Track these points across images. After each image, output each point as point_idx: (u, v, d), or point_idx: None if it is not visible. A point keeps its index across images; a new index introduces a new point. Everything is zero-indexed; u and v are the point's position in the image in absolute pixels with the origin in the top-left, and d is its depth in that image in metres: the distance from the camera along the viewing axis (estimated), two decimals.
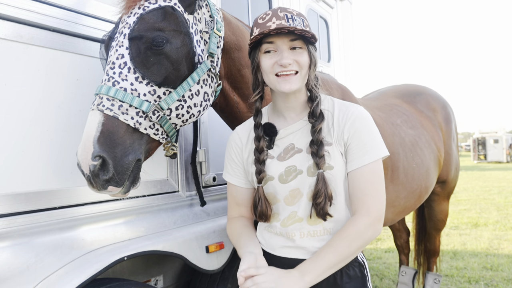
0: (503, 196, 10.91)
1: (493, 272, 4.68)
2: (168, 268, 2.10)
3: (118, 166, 1.27)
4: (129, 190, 1.35)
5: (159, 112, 1.38)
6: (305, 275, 1.26)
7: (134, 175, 1.34)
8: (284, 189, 1.40)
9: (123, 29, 1.38)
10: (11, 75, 1.38)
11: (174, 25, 1.39)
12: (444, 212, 3.49)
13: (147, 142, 1.39)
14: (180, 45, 1.40)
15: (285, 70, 1.32)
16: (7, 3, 1.37)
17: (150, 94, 1.35)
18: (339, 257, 1.29)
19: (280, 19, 1.31)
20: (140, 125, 1.34)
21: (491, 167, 24.48)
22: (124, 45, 1.35)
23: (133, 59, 1.34)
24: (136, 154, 1.33)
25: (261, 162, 1.42)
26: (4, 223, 1.32)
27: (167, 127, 1.43)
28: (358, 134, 1.36)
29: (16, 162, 1.38)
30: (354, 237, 1.30)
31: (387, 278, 4.63)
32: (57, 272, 1.36)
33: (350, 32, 4.19)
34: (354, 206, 1.36)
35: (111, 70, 1.34)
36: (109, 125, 1.28)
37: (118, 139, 1.29)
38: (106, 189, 1.28)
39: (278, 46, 1.33)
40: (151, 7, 1.39)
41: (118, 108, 1.30)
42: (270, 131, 1.44)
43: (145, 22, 1.37)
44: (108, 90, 1.30)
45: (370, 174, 1.35)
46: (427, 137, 2.96)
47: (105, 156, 1.25)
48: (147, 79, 1.34)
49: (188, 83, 1.43)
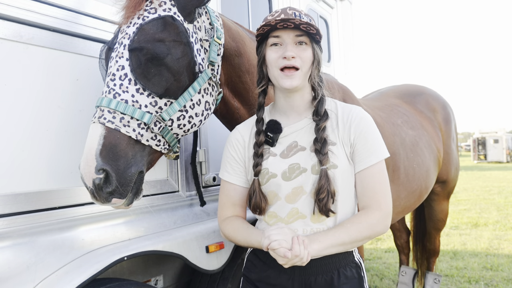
0: (503, 196, 10.91)
1: (493, 272, 4.68)
2: (168, 268, 2.10)
3: (121, 179, 1.28)
4: (132, 202, 1.36)
5: (161, 123, 1.37)
6: (313, 242, 1.28)
7: (137, 187, 1.35)
8: (287, 186, 1.40)
9: (123, 40, 1.37)
10: (11, 75, 1.38)
11: (175, 35, 1.38)
12: (444, 212, 3.49)
13: (149, 153, 1.39)
14: (181, 56, 1.38)
15: (288, 64, 1.34)
16: (7, 3, 1.36)
17: (151, 106, 1.35)
18: (349, 238, 1.32)
19: (288, 16, 1.34)
20: (142, 137, 1.34)
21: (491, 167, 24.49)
22: (124, 56, 1.34)
23: (133, 70, 1.33)
24: (138, 166, 1.33)
25: (259, 156, 1.44)
26: (4, 223, 1.32)
27: (169, 137, 1.43)
28: (364, 135, 1.40)
29: (16, 162, 1.38)
30: (366, 227, 1.34)
31: (387, 278, 4.63)
32: (57, 272, 1.36)
33: (350, 32, 4.19)
34: (364, 203, 1.40)
35: (111, 82, 1.34)
36: (111, 138, 1.28)
37: (121, 152, 1.29)
38: (110, 202, 1.29)
39: (283, 40, 1.37)
40: (151, 17, 1.38)
41: (120, 120, 1.30)
42: (275, 128, 1.44)
43: (145, 32, 1.35)
44: (109, 103, 1.30)
45: (377, 173, 1.40)
46: (427, 138, 2.96)
47: (108, 169, 1.25)
48: (148, 90, 1.34)
49: (189, 93, 1.43)
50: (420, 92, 3.36)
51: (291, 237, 1.26)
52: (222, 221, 1.54)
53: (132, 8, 1.39)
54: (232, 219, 1.52)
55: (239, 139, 1.53)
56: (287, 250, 1.22)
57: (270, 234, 1.26)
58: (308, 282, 1.40)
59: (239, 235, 1.46)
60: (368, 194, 1.39)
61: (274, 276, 1.44)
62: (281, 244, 1.23)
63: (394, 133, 2.58)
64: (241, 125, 1.58)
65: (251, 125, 1.54)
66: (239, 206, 1.55)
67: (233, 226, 1.48)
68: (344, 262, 1.42)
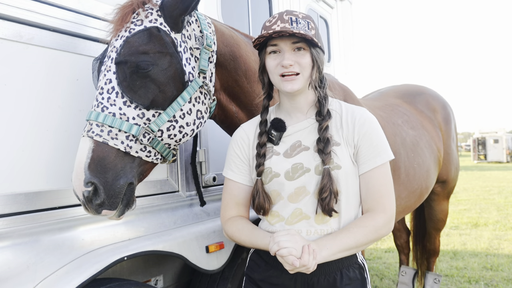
0: (503, 196, 10.91)
1: (493, 272, 4.68)
2: (168, 268, 2.10)
3: (109, 191, 1.30)
4: (123, 213, 1.37)
5: (150, 134, 1.38)
6: (322, 250, 1.29)
7: (127, 198, 1.36)
8: (290, 186, 1.40)
9: (111, 53, 1.39)
10: (11, 75, 1.38)
11: (159, 47, 1.38)
12: (444, 211, 3.49)
13: (139, 164, 1.40)
14: (167, 67, 1.38)
15: (287, 71, 1.36)
16: (7, 3, 1.36)
17: (139, 118, 1.35)
18: (355, 243, 1.32)
19: (285, 22, 1.35)
20: (131, 149, 1.35)
21: (491, 167, 24.49)
22: (111, 70, 1.36)
23: (120, 83, 1.34)
24: (127, 177, 1.34)
25: (261, 156, 1.45)
26: (4, 223, 1.32)
27: (160, 148, 1.43)
28: (368, 137, 1.40)
29: (16, 162, 1.37)
30: (372, 230, 1.34)
31: (387, 278, 4.63)
32: (57, 272, 1.36)
33: (350, 32, 4.19)
34: (369, 206, 1.40)
35: (100, 96, 1.35)
36: (99, 151, 1.30)
37: (109, 164, 1.30)
38: (100, 213, 1.31)
39: (281, 48, 1.37)
40: (137, 29, 1.38)
41: (108, 133, 1.31)
42: (279, 126, 1.45)
43: (130, 45, 1.36)
44: (97, 116, 1.31)
45: (382, 175, 1.40)
46: (428, 138, 2.96)
47: (96, 182, 1.27)
48: (135, 102, 1.34)
49: (178, 103, 1.43)
50: (420, 92, 3.37)
51: (301, 246, 1.26)
52: (226, 221, 1.53)
53: (120, 21, 1.40)
54: (235, 219, 1.51)
55: (243, 138, 1.53)
56: (296, 259, 1.22)
57: (280, 240, 1.26)
58: (311, 282, 1.40)
59: (243, 236, 1.45)
60: (373, 197, 1.39)
61: (277, 276, 1.44)
62: (291, 252, 1.23)
63: (394, 133, 2.58)
64: (246, 124, 1.58)
65: (256, 124, 1.54)
66: (243, 205, 1.54)
67: (237, 226, 1.48)
68: (347, 263, 1.41)
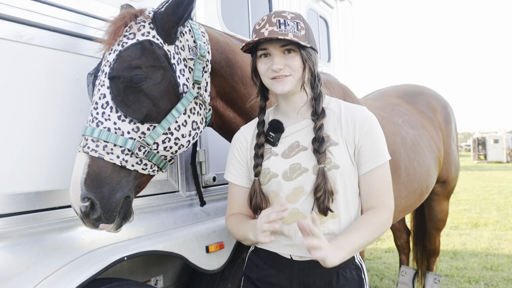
0: (503, 196, 10.91)
1: (493, 272, 4.68)
2: (168, 268, 2.10)
3: (106, 205, 1.30)
4: (121, 226, 1.38)
5: (145, 147, 1.38)
6: (340, 250, 1.26)
7: (124, 211, 1.37)
8: (288, 186, 1.40)
9: (104, 68, 1.38)
10: (11, 75, 1.38)
11: (152, 61, 1.37)
12: (444, 211, 3.49)
13: (135, 177, 1.40)
14: (160, 80, 1.38)
15: (277, 75, 1.36)
16: (7, 3, 1.36)
17: (134, 132, 1.36)
18: (365, 241, 1.33)
19: (273, 25, 1.34)
20: (127, 163, 1.35)
21: (491, 167, 24.49)
22: (105, 85, 1.36)
23: (114, 98, 1.34)
24: (124, 191, 1.35)
25: (259, 157, 1.45)
26: (4, 223, 1.32)
27: (156, 160, 1.44)
28: (370, 136, 1.40)
29: (16, 162, 1.37)
30: (378, 227, 1.36)
31: (387, 278, 4.63)
32: (57, 272, 1.36)
33: (350, 32, 4.19)
34: (370, 205, 1.41)
35: (94, 111, 1.35)
36: (94, 166, 1.30)
37: (105, 179, 1.31)
38: (98, 227, 1.32)
39: (271, 52, 1.37)
40: (129, 43, 1.38)
41: (103, 148, 1.31)
42: (277, 127, 1.45)
43: (123, 60, 1.36)
44: (92, 132, 1.32)
45: (383, 174, 1.41)
46: (428, 137, 2.96)
47: (92, 197, 1.28)
48: (129, 117, 1.34)
49: (172, 115, 1.43)
50: (421, 92, 3.37)
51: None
52: (228, 218, 1.58)
53: (113, 34, 1.40)
54: (235, 215, 1.55)
55: (242, 141, 1.55)
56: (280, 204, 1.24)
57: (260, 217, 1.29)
58: (307, 283, 1.40)
59: (236, 228, 1.48)
60: (374, 195, 1.40)
61: (273, 275, 1.45)
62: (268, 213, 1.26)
63: (394, 133, 2.58)
64: (245, 127, 1.59)
65: (254, 126, 1.55)
66: (244, 206, 1.56)
67: (234, 221, 1.52)
68: (343, 264, 1.40)
